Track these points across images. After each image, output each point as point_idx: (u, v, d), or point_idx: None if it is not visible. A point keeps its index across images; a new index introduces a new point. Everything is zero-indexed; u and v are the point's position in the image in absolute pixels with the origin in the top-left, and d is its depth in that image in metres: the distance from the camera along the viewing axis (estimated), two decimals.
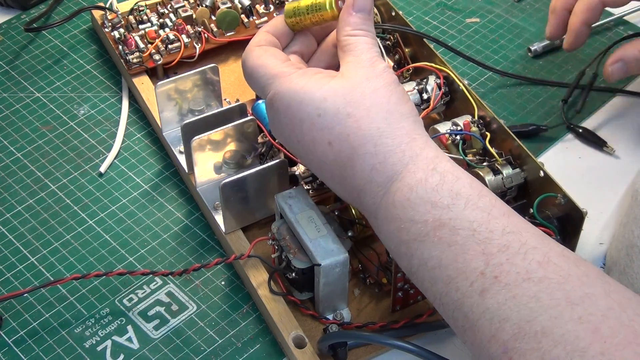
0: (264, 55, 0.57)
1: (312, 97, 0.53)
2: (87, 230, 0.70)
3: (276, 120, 0.56)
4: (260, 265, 0.64)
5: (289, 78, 0.55)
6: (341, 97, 0.53)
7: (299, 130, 0.54)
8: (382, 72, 0.55)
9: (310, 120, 0.53)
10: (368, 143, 0.52)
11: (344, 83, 0.54)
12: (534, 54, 0.85)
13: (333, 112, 0.53)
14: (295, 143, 0.55)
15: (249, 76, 0.58)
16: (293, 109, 0.54)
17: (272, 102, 0.55)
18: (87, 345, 0.62)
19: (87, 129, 0.78)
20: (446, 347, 0.62)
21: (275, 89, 0.55)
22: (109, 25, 0.81)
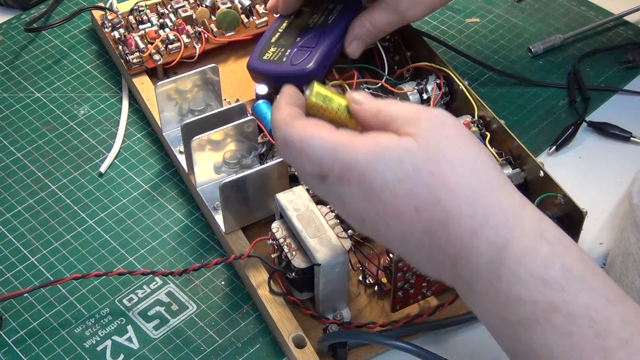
0: (310, 125, 0.49)
1: (387, 161, 0.46)
2: (87, 230, 0.70)
3: (347, 196, 0.48)
4: (260, 265, 0.64)
5: (354, 146, 0.47)
6: (419, 156, 0.46)
7: (378, 202, 0.46)
8: (445, 116, 0.48)
9: (390, 187, 0.46)
10: (463, 204, 0.45)
11: (417, 140, 0.46)
12: (534, 54, 0.85)
13: (414, 174, 0.45)
14: (374, 218, 0.47)
15: (299, 152, 0.48)
16: (369, 179, 0.46)
17: (341, 175, 0.47)
18: (87, 345, 0.62)
19: (87, 129, 0.78)
20: (446, 347, 0.62)
21: (341, 160, 0.47)
22: (109, 26, 0.81)
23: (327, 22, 0.72)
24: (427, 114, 0.48)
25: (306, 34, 0.72)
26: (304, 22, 0.73)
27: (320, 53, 0.69)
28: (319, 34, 0.71)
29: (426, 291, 0.62)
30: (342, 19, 0.72)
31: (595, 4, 0.91)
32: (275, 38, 0.72)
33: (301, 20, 0.73)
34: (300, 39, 0.71)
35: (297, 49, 0.70)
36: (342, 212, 0.50)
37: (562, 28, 0.88)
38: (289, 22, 0.74)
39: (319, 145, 0.48)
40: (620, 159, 0.75)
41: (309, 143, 0.48)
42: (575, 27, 0.88)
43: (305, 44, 0.71)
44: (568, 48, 0.86)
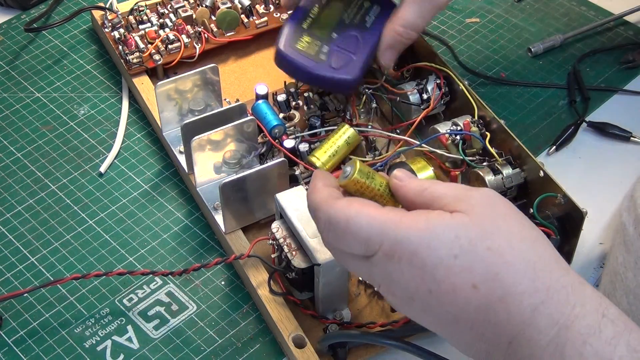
0: (355, 203, 0.48)
1: (441, 238, 0.45)
2: (87, 230, 0.70)
3: (396, 274, 0.46)
4: (260, 265, 0.64)
5: (404, 223, 0.46)
6: (473, 232, 0.45)
7: (431, 280, 0.45)
8: (494, 194, 0.47)
9: (445, 264, 0.44)
10: (523, 279, 0.43)
11: (470, 216, 0.45)
12: (534, 54, 0.85)
13: (471, 250, 0.44)
14: (424, 296, 0.46)
15: (344, 231, 0.47)
16: (421, 256, 0.45)
17: (391, 253, 0.46)
18: (87, 345, 0.62)
19: (87, 129, 0.78)
20: (446, 347, 0.61)
21: (391, 237, 0.46)
22: (109, 26, 0.81)
23: (365, 25, 0.70)
24: (475, 192, 0.47)
25: (343, 30, 0.69)
26: (338, 13, 0.70)
27: (362, 62, 0.68)
28: (359, 38, 0.69)
29: None
30: (380, 24, 0.69)
31: (595, 4, 0.91)
32: (307, 24, 0.69)
33: (333, 11, 0.70)
34: (336, 35, 0.69)
35: (336, 48, 0.68)
36: (387, 292, 0.48)
37: (562, 28, 0.88)
38: (321, 7, 0.70)
39: (366, 222, 0.46)
40: (620, 159, 0.75)
41: (356, 221, 0.46)
42: (575, 27, 0.88)
43: (343, 44, 0.68)
44: (568, 48, 0.86)
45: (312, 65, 0.67)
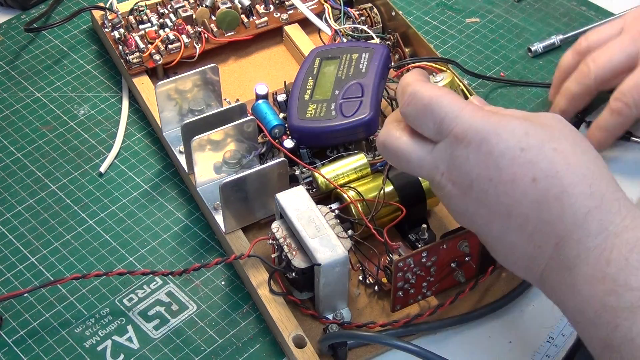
0: (442, 89, 0.51)
1: (513, 130, 0.48)
2: (87, 230, 0.70)
3: (461, 159, 0.49)
4: (260, 265, 0.64)
5: (483, 112, 0.49)
6: (543, 133, 0.48)
7: (495, 167, 0.47)
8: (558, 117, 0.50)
9: (511, 154, 0.47)
10: (582, 182, 0.46)
11: (539, 123, 0.49)
12: (534, 54, 0.85)
13: (538, 146, 0.47)
14: (484, 184, 0.48)
15: (425, 106, 0.50)
16: (490, 143, 0.47)
17: (462, 137, 0.49)
18: (87, 345, 0.62)
19: (87, 129, 0.78)
20: (446, 347, 0.62)
21: (465, 121, 0.49)
22: (109, 26, 0.81)
23: (361, 71, 0.70)
24: (545, 113, 0.51)
25: (343, 85, 0.70)
26: (332, 76, 0.71)
27: (371, 100, 0.68)
28: (360, 84, 0.69)
29: (426, 291, 0.62)
30: (375, 64, 0.70)
31: (595, 4, 0.91)
32: (308, 96, 0.70)
33: (327, 75, 0.71)
34: (339, 91, 0.69)
35: (343, 101, 0.69)
36: (448, 178, 0.50)
37: (562, 28, 0.88)
38: (315, 79, 0.72)
39: (447, 103, 0.49)
40: (620, 159, 0.75)
41: (439, 100, 0.50)
42: (575, 27, 0.88)
43: (348, 95, 0.69)
44: (568, 48, 0.86)
45: (327, 124, 0.68)
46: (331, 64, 0.72)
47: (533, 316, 0.63)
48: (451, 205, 0.52)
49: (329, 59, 0.73)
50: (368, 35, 0.79)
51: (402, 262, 0.59)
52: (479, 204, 0.49)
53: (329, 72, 0.72)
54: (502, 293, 0.64)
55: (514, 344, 0.62)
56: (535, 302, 0.64)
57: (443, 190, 0.51)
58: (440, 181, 0.51)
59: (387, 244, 0.62)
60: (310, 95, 0.70)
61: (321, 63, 0.73)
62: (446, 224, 0.68)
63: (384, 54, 0.71)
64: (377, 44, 0.75)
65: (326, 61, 0.73)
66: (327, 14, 0.81)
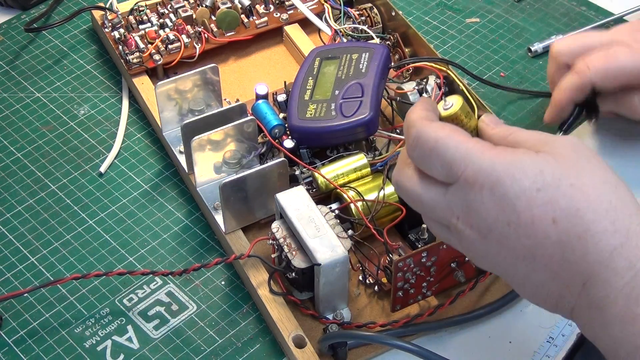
0: (447, 127, 0.48)
1: (525, 170, 0.45)
2: (87, 230, 0.70)
3: (476, 203, 0.46)
4: (260, 265, 0.64)
5: (490, 152, 0.46)
6: (558, 168, 0.45)
7: (511, 210, 0.45)
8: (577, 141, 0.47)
9: (527, 196, 0.45)
10: (604, 219, 0.44)
11: (554, 156, 0.46)
12: (534, 54, 0.85)
13: (554, 185, 0.44)
14: (502, 228, 0.46)
15: (431, 150, 0.48)
16: (505, 186, 0.45)
17: (474, 180, 0.46)
18: (87, 345, 0.62)
19: (87, 129, 0.78)
20: (446, 347, 0.62)
21: (476, 164, 0.46)
22: (109, 26, 0.81)
23: (361, 71, 0.70)
24: (560, 138, 0.48)
25: (343, 85, 0.70)
26: (332, 76, 0.71)
27: (371, 100, 0.68)
28: (360, 84, 0.69)
29: (426, 291, 0.62)
30: (374, 64, 0.70)
31: (595, 4, 0.91)
32: (308, 96, 0.70)
33: (327, 75, 0.71)
34: (339, 91, 0.69)
35: (343, 100, 0.69)
36: (465, 222, 0.47)
37: (562, 28, 0.88)
38: (315, 79, 0.71)
39: (454, 145, 0.47)
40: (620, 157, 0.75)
41: (444, 142, 0.47)
42: (575, 27, 0.88)
43: (348, 95, 0.69)
44: None
45: (327, 124, 0.68)
46: (331, 64, 0.72)
47: (533, 316, 0.63)
48: (471, 250, 0.49)
49: (329, 59, 0.73)
50: (368, 35, 0.79)
51: (402, 262, 0.59)
52: (500, 247, 0.46)
53: (329, 72, 0.72)
54: (502, 293, 0.64)
55: (514, 344, 0.62)
56: None
57: (461, 234, 0.48)
58: (457, 225, 0.48)
59: (387, 244, 0.62)
60: (310, 95, 0.70)
61: (321, 63, 0.73)
62: None
63: (384, 54, 0.71)
64: (377, 44, 0.75)
65: (326, 61, 0.73)
66: (327, 14, 0.81)
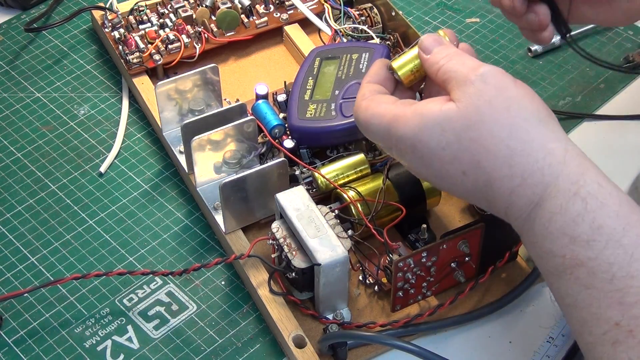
0: (372, 104, 0.55)
1: (430, 132, 0.51)
2: (87, 230, 0.70)
3: (409, 161, 0.54)
4: (260, 265, 0.64)
5: (404, 119, 0.52)
6: (459, 123, 0.50)
7: (431, 167, 0.52)
8: (488, 76, 0.51)
9: (436, 154, 0.51)
10: (502, 166, 0.49)
11: (457, 106, 0.50)
12: (534, 54, 0.85)
13: (455, 141, 0.50)
14: (434, 179, 0.53)
15: (365, 130, 0.56)
16: (418, 149, 0.52)
17: (399, 148, 0.53)
18: (87, 345, 0.62)
19: (87, 129, 0.78)
20: (446, 347, 0.62)
21: (394, 136, 0.53)
22: (109, 26, 0.81)
23: (361, 71, 0.70)
24: (473, 74, 0.51)
25: (343, 85, 0.70)
26: (332, 76, 0.71)
27: None
28: (360, 83, 0.68)
29: (426, 291, 0.62)
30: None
31: None
32: (308, 96, 0.70)
33: (327, 75, 0.72)
34: (339, 91, 0.69)
35: (342, 100, 0.69)
36: (412, 172, 0.56)
37: None
38: (315, 79, 0.72)
39: (377, 123, 0.54)
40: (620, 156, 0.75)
41: (370, 122, 0.55)
42: (575, 27, 0.88)
43: (348, 94, 0.69)
44: (568, 48, 0.86)
45: (327, 124, 0.68)
46: (331, 64, 0.72)
47: (533, 316, 0.63)
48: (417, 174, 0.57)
49: (329, 59, 0.73)
50: (368, 35, 0.79)
51: (402, 262, 0.59)
52: (440, 186, 0.55)
53: (329, 72, 0.72)
54: (502, 293, 0.64)
55: (514, 344, 0.62)
56: (535, 302, 0.64)
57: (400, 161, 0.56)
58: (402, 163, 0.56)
59: (387, 244, 0.62)
60: (310, 95, 0.70)
61: (321, 63, 0.73)
62: (446, 224, 0.69)
63: (384, 53, 0.71)
64: (377, 44, 0.75)
65: (326, 61, 0.73)
66: (327, 14, 0.82)
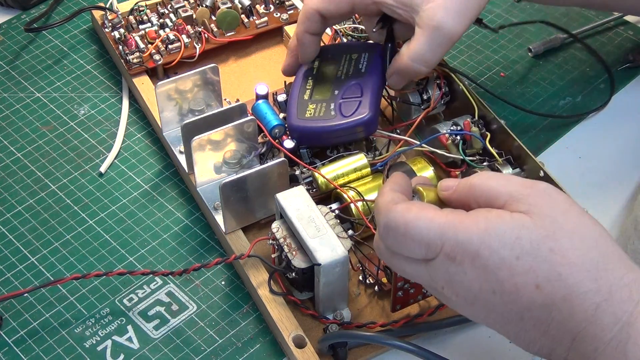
0: (414, 207, 0.48)
1: (502, 239, 0.45)
2: (87, 230, 0.70)
3: (459, 275, 0.47)
4: (260, 265, 0.64)
5: (464, 224, 0.46)
6: (535, 233, 0.45)
7: (494, 280, 0.46)
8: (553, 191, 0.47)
9: (507, 265, 0.45)
10: (586, 279, 0.44)
11: (530, 216, 0.46)
12: (534, 54, 0.85)
13: (533, 251, 0.45)
14: (488, 297, 0.46)
15: (404, 235, 0.48)
16: (484, 257, 0.45)
17: (453, 255, 0.46)
18: (87, 345, 0.62)
19: (87, 129, 0.78)
20: (446, 347, 0.62)
21: (452, 239, 0.46)
22: (109, 26, 0.81)
23: (361, 71, 0.70)
24: (533, 189, 0.47)
25: (342, 84, 0.69)
26: (331, 76, 0.71)
27: (372, 100, 0.68)
28: (359, 83, 0.69)
29: (426, 291, 0.62)
30: (374, 64, 0.70)
31: None
32: (307, 95, 0.70)
33: (327, 75, 0.71)
34: (338, 91, 0.69)
35: (342, 100, 0.68)
36: (451, 293, 0.48)
37: (562, 28, 0.88)
38: (314, 79, 0.71)
39: (425, 226, 0.47)
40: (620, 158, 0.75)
41: (415, 224, 0.47)
42: (575, 27, 0.88)
43: (347, 94, 0.69)
44: (568, 48, 0.86)
45: (326, 124, 0.68)
46: (331, 64, 0.72)
47: None
48: (462, 311, 0.49)
49: (329, 59, 0.73)
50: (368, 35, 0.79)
51: None
52: (488, 312, 0.47)
53: (329, 72, 0.72)
54: None
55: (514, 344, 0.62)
56: None
57: (449, 300, 0.49)
58: (442, 293, 0.49)
59: None
60: (310, 95, 0.70)
61: (321, 63, 0.73)
62: None
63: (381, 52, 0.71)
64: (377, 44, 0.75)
65: (326, 61, 0.73)
66: None
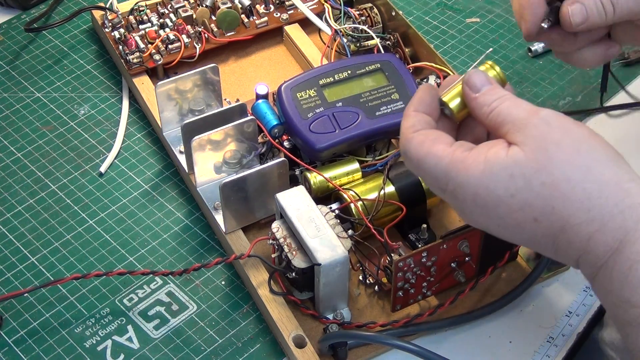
0: (427, 141, 0.50)
1: (497, 179, 0.47)
2: (87, 230, 0.70)
3: (466, 209, 0.50)
4: (260, 265, 0.64)
5: (465, 165, 0.48)
6: (528, 168, 0.47)
7: (497, 216, 0.48)
8: (551, 119, 0.48)
9: (504, 202, 0.47)
10: (579, 210, 0.46)
11: (524, 150, 0.47)
12: (534, 54, 0.85)
13: (526, 186, 0.47)
14: (495, 229, 0.49)
15: (417, 167, 0.51)
16: (482, 197, 0.48)
17: (456, 194, 0.49)
18: (87, 345, 0.62)
19: (88, 129, 0.78)
20: (446, 347, 0.62)
21: (454, 180, 0.49)
22: (109, 26, 0.81)
23: (375, 113, 0.68)
24: (534, 117, 0.48)
25: (350, 104, 0.68)
26: (360, 89, 0.69)
27: (339, 140, 0.67)
28: (356, 119, 0.68)
29: (426, 291, 0.62)
30: (387, 118, 0.68)
31: None
32: (324, 82, 0.69)
33: (358, 85, 0.70)
34: (341, 104, 0.68)
35: (327, 116, 0.67)
36: (464, 218, 0.51)
37: None
38: (348, 77, 0.70)
39: (433, 164, 0.50)
40: None
41: (425, 160, 0.50)
42: None
43: (338, 116, 0.67)
44: None
45: (292, 117, 0.67)
46: (377, 80, 0.70)
47: (533, 316, 0.63)
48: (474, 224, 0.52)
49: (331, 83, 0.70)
50: (368, 35, 0.79)
51: (402, 262, 0.59)
52: (499, 235, 0.50)
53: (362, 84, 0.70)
54: (502, 293, 0.64)
55: (514, 344, 0.62)
56: (535, 302, 0.64)
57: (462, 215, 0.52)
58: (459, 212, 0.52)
59: (387, 244, 0.62)
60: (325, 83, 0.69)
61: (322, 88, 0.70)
62: (446, 224, 0.69)
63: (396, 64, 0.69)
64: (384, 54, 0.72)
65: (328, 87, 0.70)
66: (327, 14, 0.81)
